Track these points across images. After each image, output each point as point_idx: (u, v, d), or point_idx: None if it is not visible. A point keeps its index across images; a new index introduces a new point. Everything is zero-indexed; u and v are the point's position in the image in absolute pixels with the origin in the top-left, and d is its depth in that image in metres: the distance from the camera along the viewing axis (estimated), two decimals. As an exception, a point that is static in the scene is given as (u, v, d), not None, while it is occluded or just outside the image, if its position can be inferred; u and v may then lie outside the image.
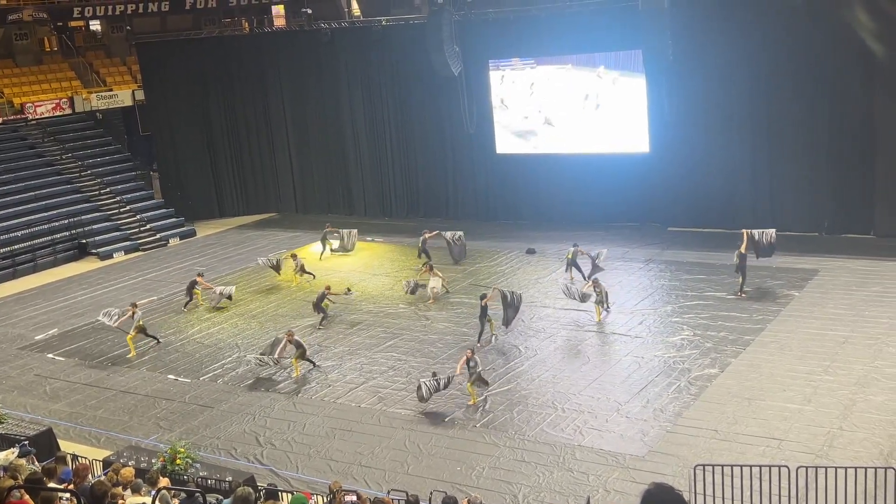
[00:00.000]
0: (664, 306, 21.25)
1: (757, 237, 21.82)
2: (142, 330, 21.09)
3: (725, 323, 19.68)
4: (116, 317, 21.45)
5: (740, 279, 21.44)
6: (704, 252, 25.01)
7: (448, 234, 26.04)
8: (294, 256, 26.00)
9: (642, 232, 27.94)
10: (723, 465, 12.32)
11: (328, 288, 22.44)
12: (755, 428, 14.83)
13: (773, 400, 15.78)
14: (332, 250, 28.39)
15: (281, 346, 18.94)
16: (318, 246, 28.69)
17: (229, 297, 23.96)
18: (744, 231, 21.83)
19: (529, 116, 30.48)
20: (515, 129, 30.85)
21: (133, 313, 21.08)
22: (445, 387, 16.66)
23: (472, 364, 16.73)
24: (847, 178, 25.63)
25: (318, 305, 21.95)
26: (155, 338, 21.47)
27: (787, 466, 12.36)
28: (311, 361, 19.22)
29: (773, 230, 22.22)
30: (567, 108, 29.74)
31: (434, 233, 26.48)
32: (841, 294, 20.94)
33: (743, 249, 21.42)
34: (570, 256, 23.26)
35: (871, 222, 25.58)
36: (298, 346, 18.91)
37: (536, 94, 30.28)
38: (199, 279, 24.31)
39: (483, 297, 20.11)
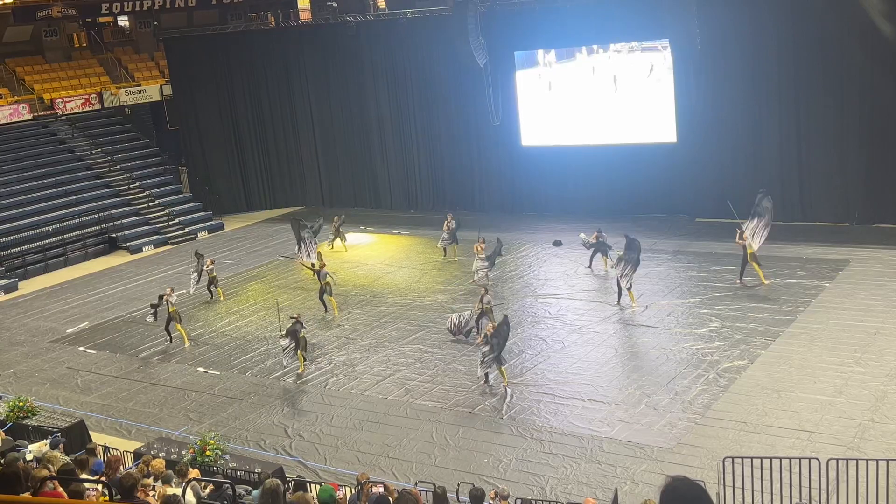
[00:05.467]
0: (692, 298, 21.11)
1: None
2: (176, 318, 21.23)
3: (755, 314, 19.51)
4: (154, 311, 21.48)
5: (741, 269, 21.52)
6: (733, 243, 24.69)
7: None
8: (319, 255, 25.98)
9: (670, 223, 27.76)
10: (752, 458, 12.21)
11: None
12: (785, 420, 14.70)
13: (803, 392, 15.64)
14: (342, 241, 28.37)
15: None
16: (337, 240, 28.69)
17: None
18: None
19: (555, 108, 30.36)
20: (541, 121, 30.74)
21: (169, 296, 21.25)
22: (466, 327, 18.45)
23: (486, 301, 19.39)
24: (878, 167, 25.29)
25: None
26: (169, 335, 21.43)
27: (817, 459, 12.24)
28: (304, 357, 19.03)
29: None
30: (593, 98, 29.60)
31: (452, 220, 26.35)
32: (872, 285, 20.69)
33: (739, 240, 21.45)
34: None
35: (903, 212, 25.25)
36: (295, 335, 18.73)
37: (562, 84, 30.15)
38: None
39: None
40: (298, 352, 18.85)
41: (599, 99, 29.48)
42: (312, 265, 24.01)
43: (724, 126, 27.11)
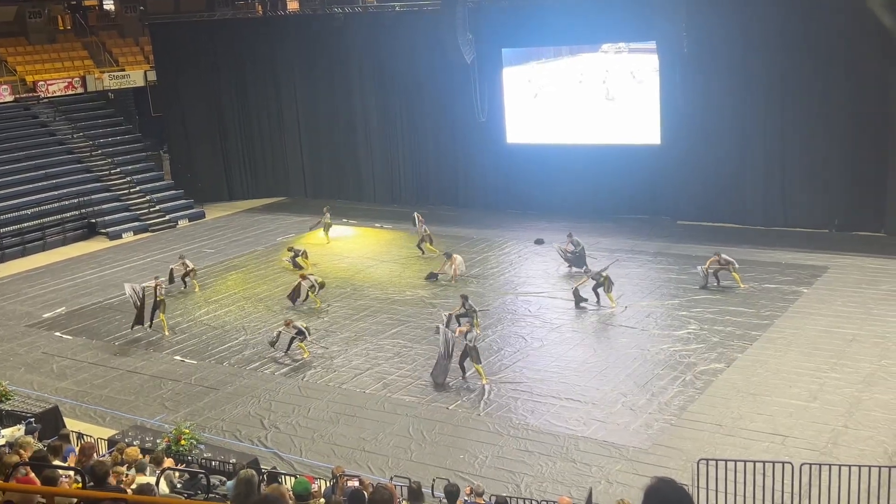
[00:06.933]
0: (671, 300, 21.20)
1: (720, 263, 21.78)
2: (160, 306, 20.99)
3: (733, 318, 19.63)
4: (140, 291, 21.10)
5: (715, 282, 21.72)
6: (714, 246, 24.78)
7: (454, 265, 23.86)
8: (291, 249, 25.77)
9: (651, 225, 27.87)
10: (726, 460, 12.29)
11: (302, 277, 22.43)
12: (760, 424, 14.80)
13: (778, 396, 15.75)
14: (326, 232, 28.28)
15: (287, 339, 19.00)
16: (321, 233, 28.61)
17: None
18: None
19: (540, 106, 30.39)
20: (526, 119, 30.76)
21: (157, 287, 21.03)
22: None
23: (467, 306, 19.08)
24: (859, 175, 25.51)
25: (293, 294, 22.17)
26: (151, 321, 21.23)
27: (790, 463, 12.33)
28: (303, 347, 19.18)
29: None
30: (579, 98, 29.65)
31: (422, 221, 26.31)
32: (850, 292, 20.86)
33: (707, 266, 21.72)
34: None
35: (882, 220, 25.46)
36: (299, 332, 18.95)
37: (548, 84, 30.18)
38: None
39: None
40: (301, 343, 19.00)
41: (585, 98, 29.53)
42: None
43: (708, 129, 27.24)
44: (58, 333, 21.72)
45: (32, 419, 13.97)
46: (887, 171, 25.09)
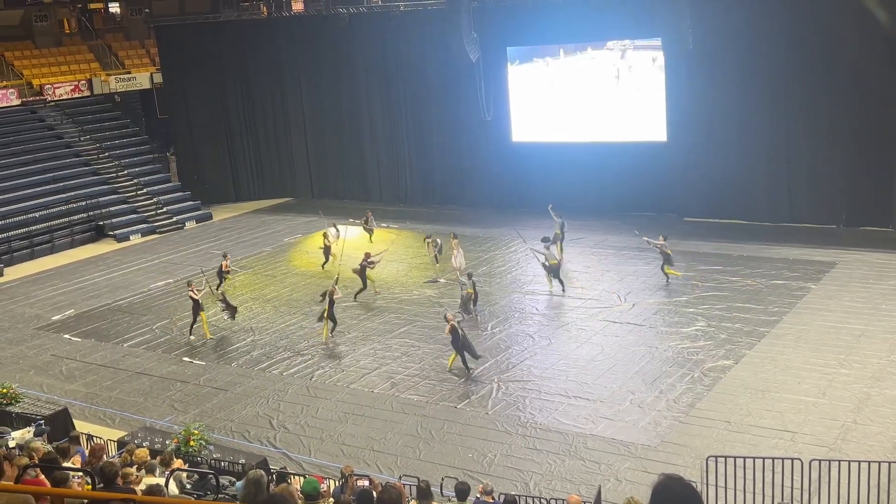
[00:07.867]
0: (679, 297, 21.17)
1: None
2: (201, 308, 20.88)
3: (740, 314, 19.60)
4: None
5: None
6: (720, 243, 24.93)
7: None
8: (326, 236, 25.82)
9: (658, 222, 27.76)
10: (735, 457, 12.27)
11: (367, 255, 22.76)
12: (769, 420, 14.78)
13: (787, 392, 15.72)
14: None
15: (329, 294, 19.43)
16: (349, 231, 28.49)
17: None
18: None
19: (546, 104, 30.37)
20: (532, 117, 30.74)
21: (192, 292, 20.79)
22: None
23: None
24: (866, 170, 25.43)
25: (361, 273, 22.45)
26: (231, 309, 21.04)
27: (799, 459, 12.32)
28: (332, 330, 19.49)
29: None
30: (584, 96, 29.62)
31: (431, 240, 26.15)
32: (858, 287, 20.81)
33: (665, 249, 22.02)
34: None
35: (890, 215, 25.39)
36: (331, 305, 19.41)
37: (553, 81, 30.16)
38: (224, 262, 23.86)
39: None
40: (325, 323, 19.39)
41: (590, 96, 29.49)
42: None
43: (714, 126, 27.19)
44: (67, 336, 21.79)
45: (42, 421, 14.03)
46: (894, 166, 25.02)
